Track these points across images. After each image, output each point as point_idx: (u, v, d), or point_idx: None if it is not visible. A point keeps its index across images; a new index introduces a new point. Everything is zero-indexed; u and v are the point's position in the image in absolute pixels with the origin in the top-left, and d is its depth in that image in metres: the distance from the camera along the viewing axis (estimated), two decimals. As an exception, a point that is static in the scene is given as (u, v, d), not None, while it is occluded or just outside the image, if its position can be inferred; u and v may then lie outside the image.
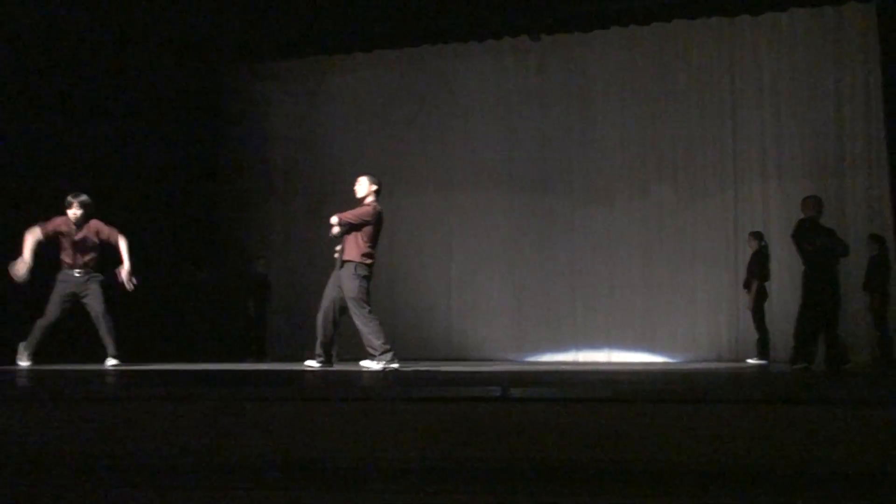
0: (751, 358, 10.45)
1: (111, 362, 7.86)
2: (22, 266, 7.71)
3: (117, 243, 8.06)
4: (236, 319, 12.64)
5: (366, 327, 7.29)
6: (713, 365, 9.71)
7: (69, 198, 8.09)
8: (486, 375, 5.53)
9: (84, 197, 8.13)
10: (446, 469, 3.13)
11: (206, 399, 3.35)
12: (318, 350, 7.55)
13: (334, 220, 7.42)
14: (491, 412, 3.20)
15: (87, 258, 8.07)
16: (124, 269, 7.93)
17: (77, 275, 8.01)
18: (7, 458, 3.22)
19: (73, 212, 8.07)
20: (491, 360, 11.47)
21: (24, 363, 7.78)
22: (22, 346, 7.85)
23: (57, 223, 8.04)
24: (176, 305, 12.38)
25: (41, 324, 7.86)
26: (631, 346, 11.83)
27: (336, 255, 7.47)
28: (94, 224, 8.12)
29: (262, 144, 13.53)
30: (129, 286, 7.95)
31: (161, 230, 12.07)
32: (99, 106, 11.15)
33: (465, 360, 11.47)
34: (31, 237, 7.86)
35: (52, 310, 7.90)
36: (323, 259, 10.67)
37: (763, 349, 10.27)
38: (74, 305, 8.03)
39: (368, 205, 7.56)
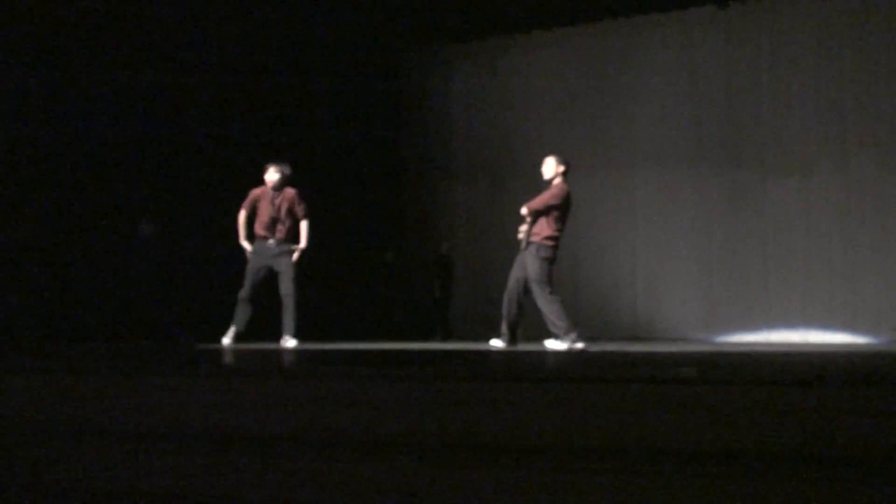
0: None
1: (289, 343, 7.81)
2: (247, 249, 8.02)
3: (301, 219, 8.11)
4: (422, 300, 12.94)
5: (548, 308, 7.32)
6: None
7: (269, 165, 8.15)
8: (677, 356, 5.40)
9: (284, 165, 8.17)
10: (639, 452, 3.10)
11: (402, 378, 3.45)
12: (504, 330, 7.62)
13: (524, 211, 7.46)
14: (686, 394, 3.14)
15: (281, 228, 8.03)
16: (297, 250, 8.04)
17: (271, 244, 7.98)
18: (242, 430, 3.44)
19: (270, 176, 8.10)
20: (679, 340, 11.22)
21: (225, 341, 7.95)
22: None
23: (255, 193, 8.12)
24: (363, 287, 12.81)
25: (240, 297, 7.97)
26: (829, 326, 11.27)
27: (520, 237, 7.51)
28: (291, 193, 8.13)
29: (443, 127, 13.74)
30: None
31: (348, 215, 12.50)
32: (282, 98, 11.64)
33: (651, 340, 11.28)
34: (240, 219, 8.05)
35: (246, 284, 7.96)
36: (507, 240, 10.73)
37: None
38: (271, 280, 8.01)
39: (556, 187, 7.54)
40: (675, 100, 12.31)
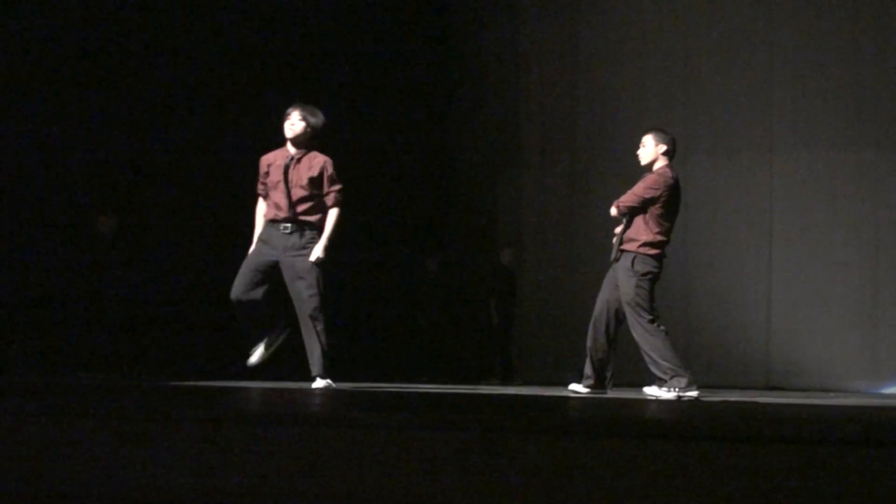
0: None
1: (320, 384, 7.22)
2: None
3: (331, 206, 7.26)
4: (474, 327, 12.93)
5: (648, 342, 7.34)
6: None
7: (291, 109, 7.24)
8: (831, 411, 5.34)
9: (311, 109, 7.27)
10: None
11: (454, 429, 3.45)
12: (588, 371, 7.63)
13: (614, 211, 7.44)
14: (846, 461, 3.15)
15: (303, 206, 7.17)
16: (316, 250, 7.15)
17: (284, 230, 7.13)
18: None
19: (290, 124, 7.21)
20: (830, 390, 11.10)
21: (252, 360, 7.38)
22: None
23: (267, 159, 7.32)
24: (397, 307, 12.82)
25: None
26: None
27: (615, 241, 7.48)
28: (320, 160, 7.26)
29: (507, 92, 13.70)
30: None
31: (377, 210, 12.50)
32: (293, 52, 11.77)
33: (791, 389, 11.19)
34: (258, 211, 7.37)
35: (237, 285, 7.14)
36: (591, 247, 10.67)
37: None
38: (275, 283, 7.25)
39: (656, 174, 7.51)
40: (831, 61, 12.15)
